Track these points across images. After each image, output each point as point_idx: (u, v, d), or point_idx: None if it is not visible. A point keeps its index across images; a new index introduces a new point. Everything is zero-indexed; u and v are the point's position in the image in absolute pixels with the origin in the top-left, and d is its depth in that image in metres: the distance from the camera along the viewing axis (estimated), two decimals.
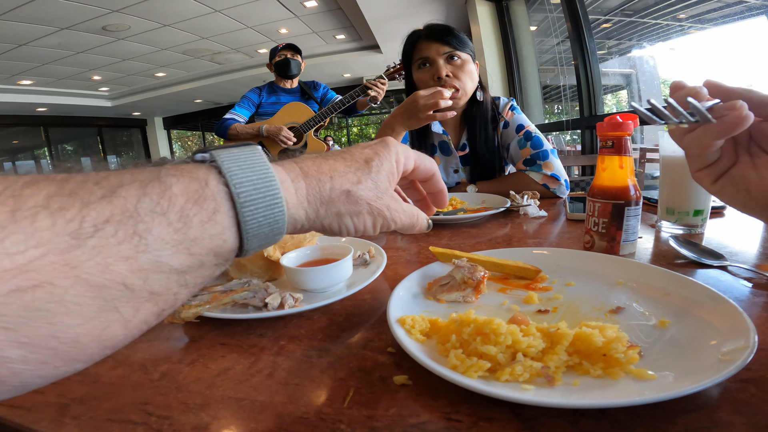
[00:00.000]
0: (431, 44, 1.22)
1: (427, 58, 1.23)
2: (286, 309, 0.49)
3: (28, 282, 0.19)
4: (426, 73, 1.24)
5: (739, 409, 0.30)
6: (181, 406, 0.35)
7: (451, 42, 1.21)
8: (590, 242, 0.62)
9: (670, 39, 3.78)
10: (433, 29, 1.24)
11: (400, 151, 0.39)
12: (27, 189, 0.21)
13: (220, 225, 0.27)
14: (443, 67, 1.21)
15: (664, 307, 0.43)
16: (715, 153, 0.40)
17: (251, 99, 2.62)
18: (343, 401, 0.34)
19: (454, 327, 0.38)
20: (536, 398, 0.29)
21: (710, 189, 0.42)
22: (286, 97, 2.64)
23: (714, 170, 0.41)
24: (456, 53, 1.22)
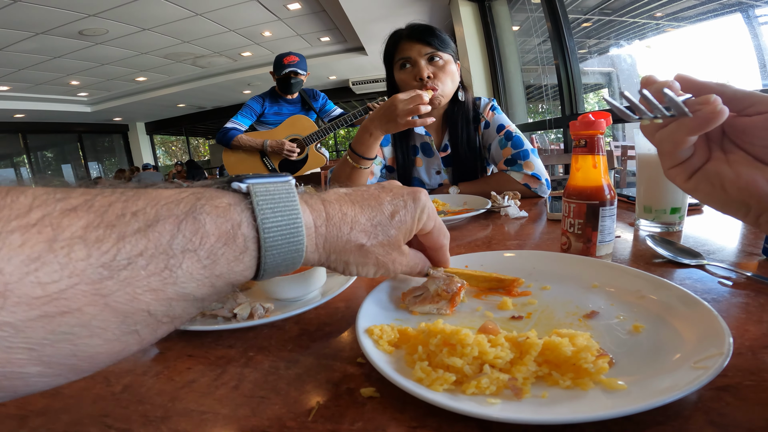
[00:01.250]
0: (413, 45, 1.21)
1: (408, 59, 1.22)
2: (255, 320, 0.48)
3: (58, 309, 0.20)
4: (408, 73, 1.23)
5: (714, 419, 0.28)
6: (141, 419, 0.34)
7: (433, 42, 1.20)
8: (567, 244, 0.62)
9: (647, 37, 3.84)
10: (414, 29, 1.23)
11: (426, 210, 0.41)
12: (65, 218, 0.22)
13: (244, 264, 0.29)
14: (425, 67, 1.20)
15: (639, 310, 0.43)
16: (688, 150, 0.39)
17: (254, 108, 2.65)
18: (308, 415, 0.33)
19: (422, 338, 0.37)
20: (502, 414, 0.27)
21: (684, 187, 0.41)
22: (288, 108, 2.72)
23: (687, 167, 0.40)
24: (438, 54, 1.21)
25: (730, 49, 2.96)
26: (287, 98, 2.72)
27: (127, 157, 12.65)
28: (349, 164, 1.13)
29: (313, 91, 2.80)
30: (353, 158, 1.12)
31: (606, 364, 0.32)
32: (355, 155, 1.11)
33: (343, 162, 1.16)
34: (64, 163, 11.56)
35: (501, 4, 4.46)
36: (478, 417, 0.28)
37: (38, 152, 10.74)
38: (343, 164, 1.16)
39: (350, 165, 1.13)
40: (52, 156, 11.34)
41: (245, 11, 5.08)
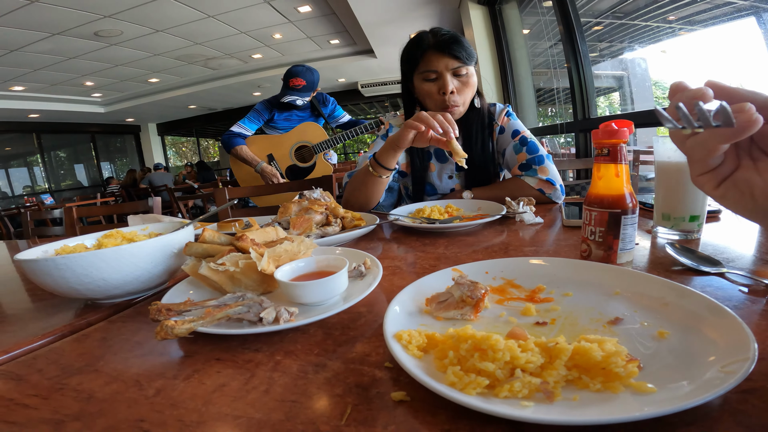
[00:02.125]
0: (441, 57, 1.20)
1: (434, 71, 1.22)
2: (281, 324, 0.49)
3: None
4: (432, 86, 1.24)
5: (741, 420, 0.29)
6: (177, 423, 0.35)
7: (461, 56, 1.19)
8: (587, 251, 0.62)
9: (661, 41, 3.81)
10: (443, 41, 1.19)
11: None
12: None
13: None
14: (450, 82, 1.21)
15: (663, 317, 0.43)
16: (719, 157, 0.39)
17: (262, 114, 2.65)
18: (341, 418, 0.34)
19: (452, 343, 0.37)
20: (535, 415, 0.28)
21: (712, 194, 0.41)
22: (298, 113, 2.72)
23: (716, 175, 0.40)
24: (464, 68, 1.21)
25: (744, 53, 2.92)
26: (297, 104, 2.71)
27: (138, 158, 12.79)
28: (371, 174, 1.14)
29: (323, 96, 2.79)
30: (376, 168, 1.13)
31: (636, 368, 0.32)
32: (378, 166, 1.12)
33: (365, 171, 1.17)
34: (77, 163, 11.71)
35: (511, 8, 4.45)
36: (514, 419, 0.29)
37: (51, 152, 10.88)
38: (365, 173, 1.17)
39: (371, 174, 1.14)
40: (65, 156, 11.49)
41: (257, 13, 5.13)
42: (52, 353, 0.52)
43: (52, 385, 0.43)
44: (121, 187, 8.22)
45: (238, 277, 0.57)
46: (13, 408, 0.40)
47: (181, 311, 0.51)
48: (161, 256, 0.63)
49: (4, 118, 8.60)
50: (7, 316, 0.69)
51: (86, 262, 0.57)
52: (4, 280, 0.96)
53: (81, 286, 0.59)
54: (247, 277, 0.58)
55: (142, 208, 1.82)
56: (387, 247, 0.89)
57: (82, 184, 11.60)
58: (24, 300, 0.78)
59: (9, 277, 0.99)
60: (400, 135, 1.02)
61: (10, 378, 0.46)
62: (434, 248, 0.84)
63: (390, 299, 0.50)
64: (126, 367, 0.46)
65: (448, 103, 1.23)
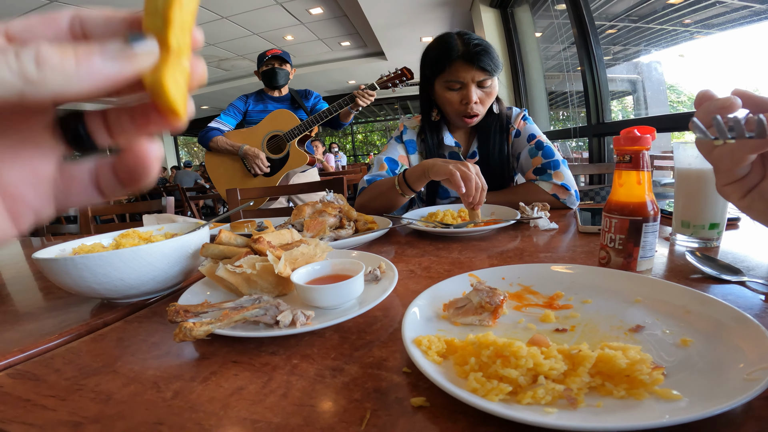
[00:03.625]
0: (469, 69, 1.18)
1: (460, 82, 1.20)
2: (297, 327, 0.48)
3: None
4: (455, 95, 1.23)
5: (764, 427, 0.29)
6: (196, 427, 0.35)
7: (488, 68, 1.17)
8: (606, 258, 0.61)
9: (677, 44, 3.76)
10: (474, 53, 1.16)
11: None
12: None
13: None
14: (474, 93, 1.20)
15: (686, 325, 0.42)
16: (746, 167, 0.38)
17: (237, 107, 2.54)
18: (361, 424, 0.34)
19: (473, 349, 0.37)
20: (560, 422, 0.28)
21: (738, 204, 0.41)
22: (274, 105, 2.56)
23: (743, 185, 0.40)
24: (489, 80, 1.21)
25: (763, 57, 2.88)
26: (275, 96, 2.59)
27: None
28: (396, 190, 1.14)
29: (305, 91, 2.67)
30: (403, 187, 1.12)
31: (661, 375, 0.32)
32: (405, 185, 1.12)
33: (390, 186, 1.16)
34: None
35: (523, 11, 4.43)
36: (539, 425, 0.28)
37: None
38: (389, 188, 1.16)
39: (396, 191, 1.14)
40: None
41: (269, 15, 5.18)
42: (69, 353, 0.52)
43: (70, 386, 0.44)
44: None
45: (255, 280, 0.57)
46: (30, 409, 0.40)
47: (198, 313, 0.51)
48: (178, 256, 0.64)
49: None
50: (22, 315, 0.70)
51: (105, 261, 0.58)
52: (18, 278, 0.96)
53: (99, 286, 0.60)
54: (263, 280, 0.58)
55: (155, 207, 1.84)
56: (400, 251, 0.88)
57: None
58: (38, 298, 0.79)
59: (22, 274, 1.00)
60: (438, 169, 0.99)
61: (28, 378, 0.46)
62: (448, 253, 0.83)
63: (405, 304, 0.50)
64: (143, 368, 0.46)
65: (469, 112, 1.22)
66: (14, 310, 0.73)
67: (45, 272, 0.61)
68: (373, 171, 1.34)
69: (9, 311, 0.72)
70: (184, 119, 0.22)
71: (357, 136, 13.65)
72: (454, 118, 1.29)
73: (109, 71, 0.18)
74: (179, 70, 0.21)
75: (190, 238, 0.66)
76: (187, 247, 0.65)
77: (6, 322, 0.66)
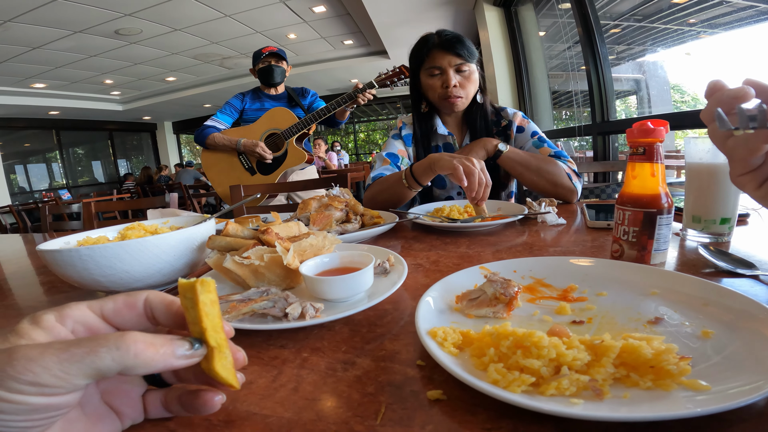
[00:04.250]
0: (444, 54, 1.28)
1: (438, 68, 1.30)
2: (307, 320, 0.48)
3: None
4: (436, 80, 1.32)
5: None
6: (204, 422, 0.34)
7: (463, 54, 1.27)
8: (619, 251, 0.60)
9: (682, 44, 3.74)
10: (446, 40, 1.28)
11: None
12: None
13: None
14: (453, 77, 1.29)
15: (705, 317, 0.42)
16: (761, 157, 0.38)
17: (234, 105, 2.52)
18: (376, 418, 0.33)
19: (491, 340, 0.36)
20: (587, 412, 0.27)
21: (754, 194, 0.41)
22: (271, 104, 2.53)
23: (758, 175, 0.39)
24: (466, 65, 1.30)
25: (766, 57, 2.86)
26: (271, 94, 2.56)
27: (154, 156, 12.97)
28: (402, 184, 1.15)
29: (302, 89, 2.64)
30: (410, 181, 1.13)
31: (688, 366, 0.31)
32: (413, 179, 1.13)
33: (397, 180, 1.17)
34: (95, 160, 11.91)
35: (527, 9, 4.41)
36: (565, 416, 0.28)
37: (70, 148, 11.08)
38: (396, 182, 1.17)
39: (403, 185, 1.15)
40: (83, 152, 11.68)
41: (272, 13, 5.16)
42: None
43: None
44: (136, 184, 8.33)
45: (262, 272, 0.57)
46: None
47: None
48: (184, 249, 0.63)
49: (24, 114, 8.78)
50: (24, 309, 0.69)
51: (110, 253, 0.57)
52: (19, 274, 0.96)
53: (104, 278, 0.59)
54: (270, 272, 0.57)
55: (159, 203, 1.83)
56: (407, 245, 0.87)
57: (99, 180, 11.79)
58: (39, 293, 0.78)
59: (24, 270, 0.99)
60: (443, 163, 1.00)
61: None
62: (456, 247, 0.82)
63: (415, 297, 0.49)
64: None
65: (450, 94, 1.30)
66: (15, 304, 0.73)
67: (49, 265, 0.60)
68: (377, 168, 1.37)
69: (10, 305, 0.72)
70: (239, 387, 0.32)
71: (359, 134, 13.63)
72: (439, 103, 1.36)
73: (176, 362, 0.28)
74: (223, 357, 0.30)
75: (197, 230, 0.65)
76: (194, 239, 0.64)
77: (7, 317, 0.66)
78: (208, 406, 0.32)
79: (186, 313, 0.30)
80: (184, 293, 0.29)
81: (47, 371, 0.24)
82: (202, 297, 0.29)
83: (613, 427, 0.29)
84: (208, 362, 0.30)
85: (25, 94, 7.58)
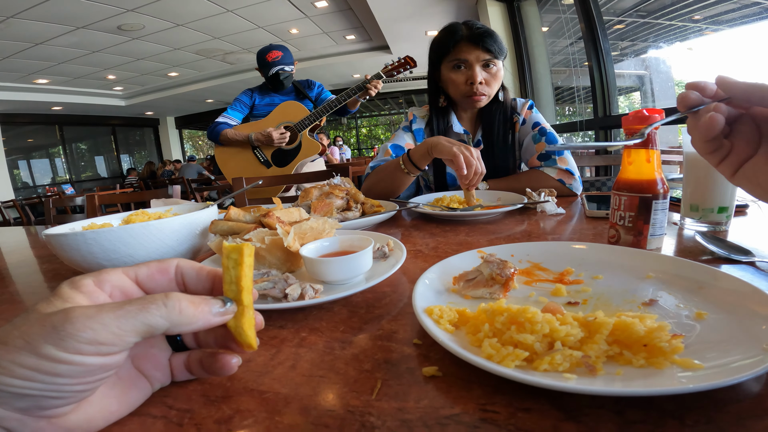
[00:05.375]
0: (473, 49, 1.20)
1: (465, 61, 1.22)
2: (306, 300, 0.48)
3: None
4: (461, 75, 1.24)
5: None
6: (201, 398, 0.35)
7: (493, 49, 1.20)
8: (615, 237, 0.61)
9: (686, 40, 3.72)
10: (477, 33, 1.20)
11: None
12: None
13: None
14: (479, 73, 1.21)
15: (700, 299, 0.42)
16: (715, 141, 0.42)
17: (243, 101, 2.54)
18: (372, 393, 0.33)
19: (486, 317, 0.37)
20: (581, 386, 0.27)
21: (732, 182, 0.43)
22: (280, 98, 2.56)
23: (730, 163, 0.42)
24: (493, 61, 1.22)
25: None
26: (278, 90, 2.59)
27: (156, 151, 13.00)
28: (400, 168, 1.14)
29: (308, 81, 2.64)
30: (408, 166, 1.13)
31: (681, 344, 0.31)
32: (410, 164, 1.12)
33: (395, 165, 1.16)
34: (98, 155, 11.94)
35: (530, 5, 4.39)
36: (558, 390, 0.28)
37: (73, 144, 11.11)
38: (395, 167, 1.16)
39: (401, 169, 1.14)
40: (86, 148, 11.71)
41: (274, 8, 5.16)
42: None
43: None
44: (139, 178, 8.35)
45: (263, 255, 0.57)
46: None
47: None
48: (187, 233, 0.64)
49: (28, 110, 8.81)
50: (24, 295, 0.70)
51: (115, 237, 0.58)
52: (21, 265, 0.96)
53: (108, 263, 0.60)
54: (271, 255, 0.58)
55: (162, 196, 1.84)
56: (407, 233, 0.88)
57: (102, 175, 11.84)
58: (40, 281, 0.79)
59: (27, 261, 1.00)
60: (442, 149, 1.00)
61: None
62: (455, 235, 0.83)
63: (413, 280, 0.49)
64: None
65: (475, 92, 1.23)
66: (16, 290, 0.74)
67: (55, 249, 0.61)
68: (379, 157, 1.35)
69: (13, 291, 0.73)
70: (256, 348, 0.34)
71: (361, 129, 13.62)
72: (461, 100, 1.29)
73: (213, 319, 0.30)
74: (251, 317, 0.33)
75: (199, 215, 0.66)
76: (196, 225, 0.65)
77: (10, 302, 0.67)
78: (227, 368, 0.34)
79: (225, 273, 0.32)
80: (228, 254, 0.32)
81: (105, 328, 0.25)
82: (247, 260, 0.32)
83: (608, 403, 0.29)
84: (237, 320, 0.32)
85: (29, 89, 7.60)
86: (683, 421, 0.27)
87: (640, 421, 0.27)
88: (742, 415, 0.27)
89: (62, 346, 0.24)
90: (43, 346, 0.24)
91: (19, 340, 0.24)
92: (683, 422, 0.27)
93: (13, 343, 0.24)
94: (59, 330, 0.24)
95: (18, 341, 0.24)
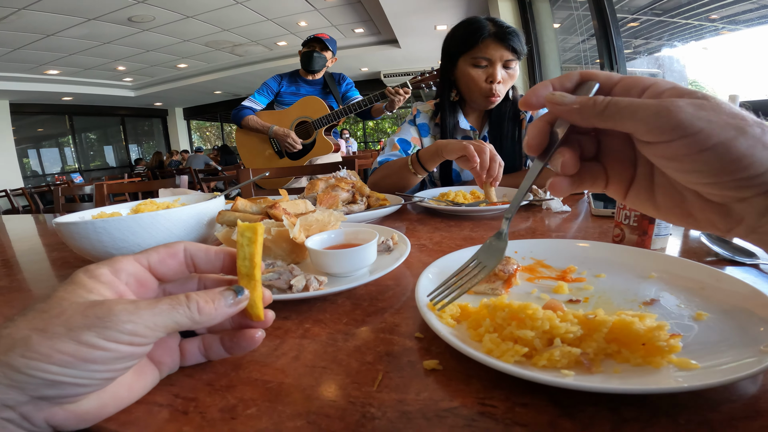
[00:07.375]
0: (498, 47, 1.19)
1: (489, 59, 1.21)
2: (311, 291, 0.49)
3: None
4: (481, 72, 1.23)
5: None
6: (206, 387, 0.35)
7: (518, 48, 1.19)
8: (620, 236, 0.61)
9: (701, 39, 3.67)
10: (504, 31, 1.18)
11: None
12: None
13: None
14: (499, 72, 1.21)
15: (701, 300, 0.42)
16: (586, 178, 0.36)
17: (270, 87, 2.56)
18: (373, 384, 0.34)
19: (487, 312, 0.37)
20: (577, 383, 0.28)
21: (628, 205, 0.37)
22: (306, 89, 2.57)
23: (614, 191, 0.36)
24: (515, 62, 1.22)
25: None
26: (308, 79, 2.57)
27: (165, 141, 13.08)
28: (408, 169, 1.13)
29: (339, 75, 2.64)
30: (416, 167, 1.12)
31: (679, 344, 0.31)
32: (419, 165, 1.11)
33: (403, 165, 1.15)
34: (107, 145, 12.05)
35: (542, 1, 4.35)
36: (556, 385, 0.28)
37: (83, 133, 11.21)
38: (402, 167, 1.15)
39: (409, 170, 1.13)
40: (96, 137, 11.81)
41: (284, 0, 5.15)
42: None
43: None
44: (147, 168, 8.42)
45: (269, 246, 0.58)
46: None
47: None
48: (195, 223, 0.65)
49: (38, 100, 8.89)
50: (31, 283, 0.71)
51: (124, 226, 0.59)
52: (30, 253, 0.97)
53: (116, 251, 0.61)
54: (277, 246, 0.58)
55: (170, 186, 1.86)
56: (412, 227, 0.89)
57: (111, 165, 11.94)
58: (47, 269, 0.80)
59: (35, 249, 1.01)
60: (452, 148, 0.98)
61: None
62: (460, 230, 0.83)
63: (417, 275, 0.50)
64: None
65: (494, 92, 1.22)
66: (23, 278, 0.75)
67: (65, 237, 0.62)
68: (386, 151, 1.35)
69: (21, 279, 0.74)
70: (263, 319, 0.36)
71: (368, 123, 13.61)
72: (476, 98, 1.28)
73: (230, 311, 0.33)
74: (259, 291, 0.35)
75: (207, 205, 0.67)
76: (204, 215, 0.66)
77: (18, 289, 0.68)
78: (254, 342, 0.37)
79: (239, 250, 0.35)
80: (243, 232, 0.35)
81: (143, 322, 0.28)
82: (260, 238, 0.35)
83: (604, 400, 0.29)
84: (251, 294, 0.35)
85: (39, 80, 7.67)
86: (676, 420, 0.27)
87: (634, 419, 0.28)
88: (734, 415, 0.28)
89: (104, 335, 0.27)
90: (85, 333, 0.26)
91: (60, 327, 0.26)
92: (676, 421, 0.27)
93: (53, 330, 0.26)
94: (105, 320, 0.27)
95: (59, 329, 0.26)
